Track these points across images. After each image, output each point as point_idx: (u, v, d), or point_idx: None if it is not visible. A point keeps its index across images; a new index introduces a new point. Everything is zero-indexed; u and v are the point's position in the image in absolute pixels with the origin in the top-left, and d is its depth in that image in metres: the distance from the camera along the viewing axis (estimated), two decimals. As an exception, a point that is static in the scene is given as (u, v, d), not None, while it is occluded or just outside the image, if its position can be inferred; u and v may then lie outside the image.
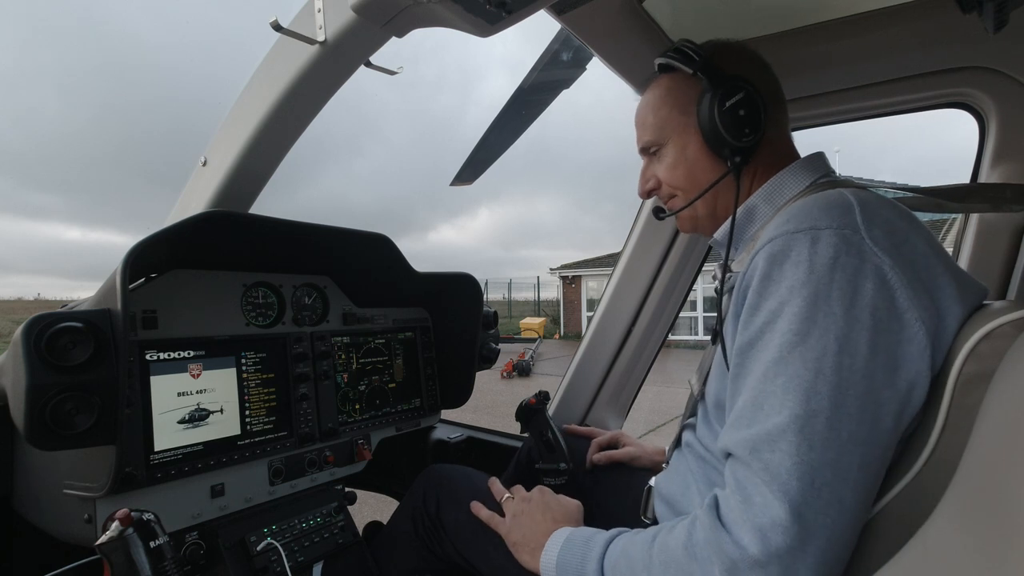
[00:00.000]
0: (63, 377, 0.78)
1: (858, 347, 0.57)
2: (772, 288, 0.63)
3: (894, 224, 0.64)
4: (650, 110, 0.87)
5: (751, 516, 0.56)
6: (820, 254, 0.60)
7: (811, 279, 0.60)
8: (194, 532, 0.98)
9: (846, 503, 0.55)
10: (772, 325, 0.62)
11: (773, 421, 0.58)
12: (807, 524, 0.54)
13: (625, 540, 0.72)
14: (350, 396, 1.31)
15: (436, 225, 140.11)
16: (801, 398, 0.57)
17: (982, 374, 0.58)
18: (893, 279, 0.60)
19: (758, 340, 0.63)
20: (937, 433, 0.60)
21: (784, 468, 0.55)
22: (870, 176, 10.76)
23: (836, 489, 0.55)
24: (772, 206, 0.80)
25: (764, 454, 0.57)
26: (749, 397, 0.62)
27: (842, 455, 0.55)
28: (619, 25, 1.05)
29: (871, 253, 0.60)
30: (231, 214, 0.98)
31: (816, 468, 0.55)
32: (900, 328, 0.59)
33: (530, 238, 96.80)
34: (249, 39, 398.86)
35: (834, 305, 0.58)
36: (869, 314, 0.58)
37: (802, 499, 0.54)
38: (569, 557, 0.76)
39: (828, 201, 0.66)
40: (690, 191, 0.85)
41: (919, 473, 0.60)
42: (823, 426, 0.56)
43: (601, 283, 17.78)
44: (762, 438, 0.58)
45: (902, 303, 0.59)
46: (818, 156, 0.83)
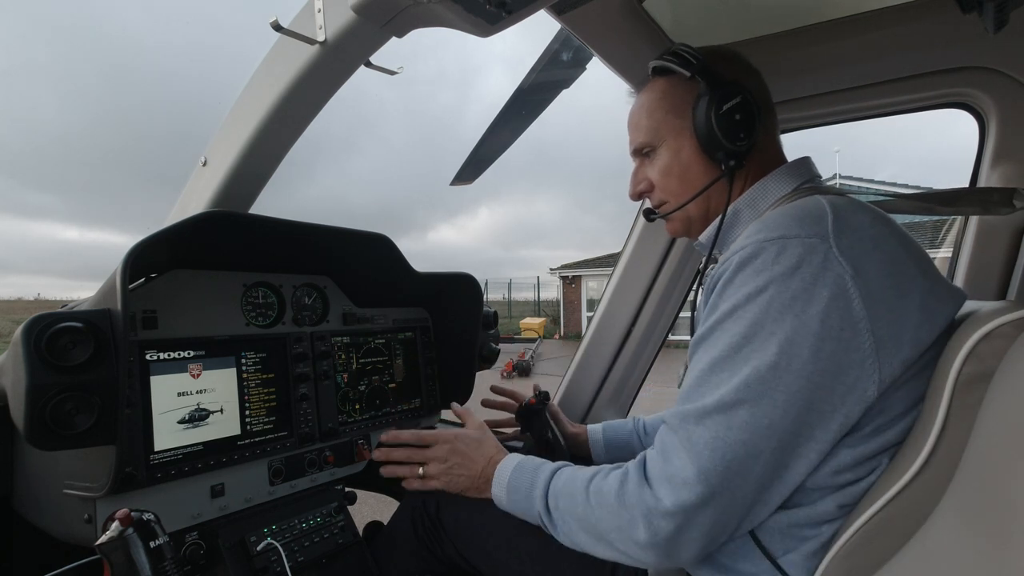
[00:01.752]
0: (63, 377, 0.78)
1: (800, 350, 0.62)
2: (731, 291, 0.68)
3: (866, 231, 0.66)
4: (645, 112, 0.88)
5: (668, 475, 0.67)
6: (783, 263, 0.64)
7: (768, 287, 0.64)
8: (194, 532, 0.98)
9: (752, 476, 0.64)
10: (722, 325, 0.68)
11: (704, 402, 0.66)
12: (712, 488, 0.64)
13: (568, 473, 0.82)
14: (350, 396, 1.31)
15: (435, 225, 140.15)
16: (732, 388, 0.64)
17: (982, 374, 0.58)
18: (852, 289, 0.62)
19: (709, 336, 0.69)
20: (937, 433, 0.60)
21: (702, 441, 0.65)
22: (870, 176, 10.75)
23: (745, 464, 0.64)
24: (755, 211, 0.82)
25: (689, 425, 0.66)
26: (694, 383, 0.69)
27: (758, 439, 0.63)
28: (619, 25, 1.05)
29: (835, 262, 0.63)
30: (231, 214, 0.98)
31: (729, 445, 0.63)
32: (851, 336, 0.62)
33: (530, 238, 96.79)
34: (249, 39, 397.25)
35: (785, 312, 0.63)
36: (819, 321, 0.62)
37: (711, 467, 0.63)
38: (520, 480, 0.86)
39: (802, 210, 0.69)
40: (682, 194, 0.86)
41: (919, 473, 0.60)
42: (746, 413, 0.63)
43: (601, 283, 17.77)
44: (691, 412, 0.67)
45: (857, 312, 0.62)
46: (803, 161, 0.84)
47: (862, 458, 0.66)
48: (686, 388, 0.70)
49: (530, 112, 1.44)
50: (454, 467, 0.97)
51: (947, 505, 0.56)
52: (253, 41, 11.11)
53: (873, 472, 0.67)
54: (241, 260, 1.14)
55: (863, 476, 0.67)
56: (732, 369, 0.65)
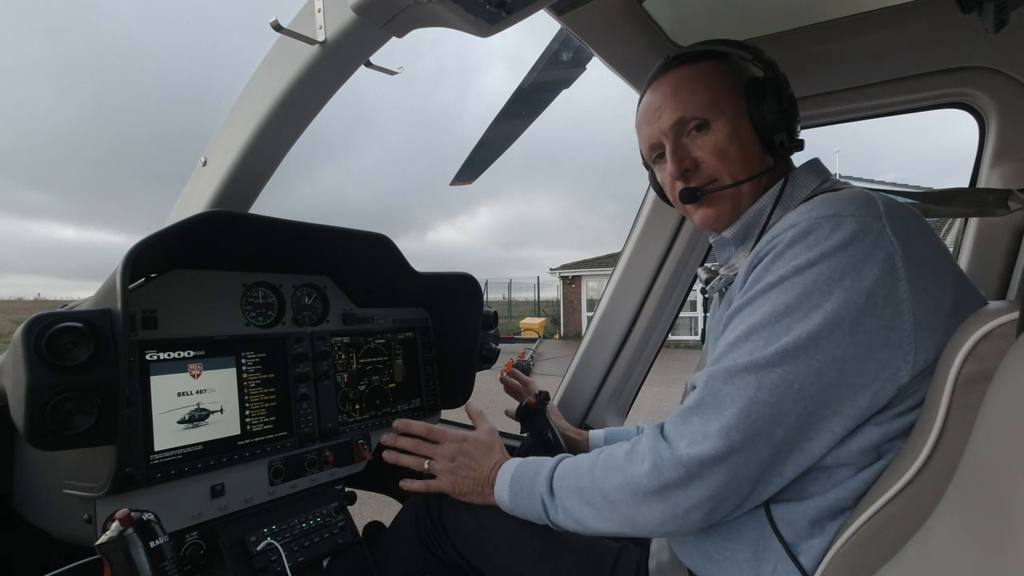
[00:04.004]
0: (63, 377, 0.78)
1: (841, 323, 0.62)
2: (779, 264, 0.67)
3: (911, 219, 0.67)
4: (703, 84, 0.83)
5: (687, 431, 0.66)
6: (836, 238, 0.64)
7: (820, 260, 0.64)
8: (194, 532, 0.98)
9: (775, 438, 0.63)
10: (765, 295, 0.67)
11: (737, 362, 0.65)
12: (731, 444, 0.63)
13: (575, 457, 0.83)
14: (350, 396, 1.31)
15: (435, 224, 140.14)
16: (769, 352, 0.64)
17: (982, 374, 0.58)
18: (901, 268, 0.63)
19: (748, 304, 0.69)
20: (937, 433, 0.60)
21: (729, 397, 0.64)
22: (870, 176, 10.72)
23: (768, 426, 0.63)
24: (783, 207, 0.82)
25: (717, 383, 0.66)
26: (728, 347, 0.68)
27: (785, 402, 0.63)
28: (619, 25, 1.05)
29: (887, 241, 0.63)
30: (231, 214, 0.98)
31: (756, 404, 0.63)
32: (893, 315, 0.63)
33: (530, 238, 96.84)
34: (249, 39, 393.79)
35: (833, 286, 0.63)
36: (865, 296, 0.62)
37: (734, 423, 0.63)
38: (523, 473, 0.87)
39: (852, 193, 0.69)
40: (740, 170, 0.82)
41: (919, 473, 0.60)
42: (777, 376, 0.63)
43: (601, 283, 17.77)
44: (720, 371, 0.66)
45: (902, 292, 0.63)
46: (816, 162, 0.86)
47: (886, 437, 0.66)
48: (720, 352, 0.69)
49: (530, 112, 1.44)
50: (460, 467, 0.96)
51: (947, 505, 0.56)
52: (253, 41, 11.10)
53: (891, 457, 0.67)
54: (241, 260, 1.14)
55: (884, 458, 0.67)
56: (770, 336, 0.64)
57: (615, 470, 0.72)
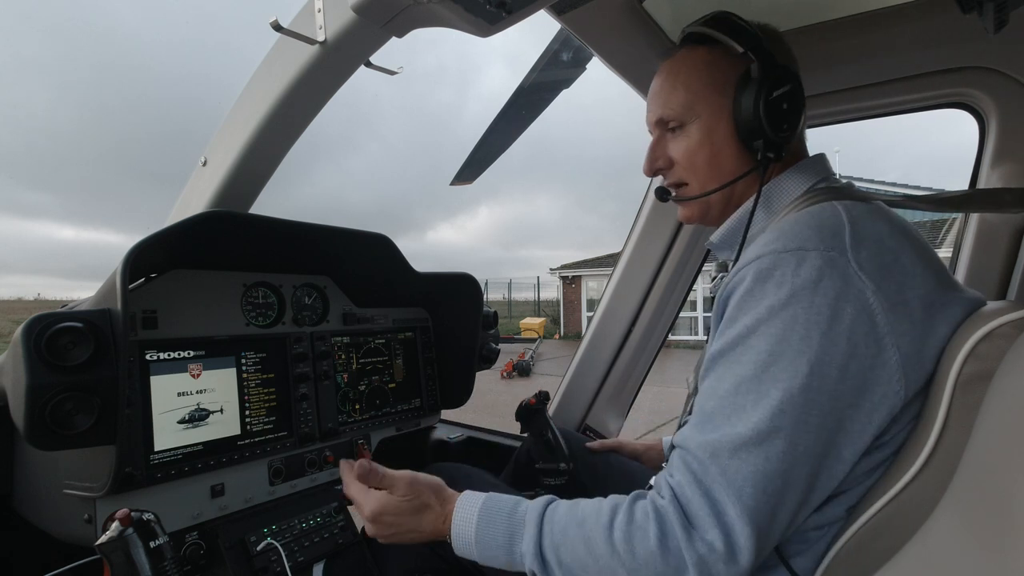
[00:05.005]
0: (63, 377, 0.78)
1: (829, 370, 0.59)
2: (752, 304, 0.63)
3: (884, 243, 0.64)
4: (680, 83, 0.79)
5: (715, 515, 0.60)
6: (803, 276, 0.61)
7: (791, 301, 0.61)
8: (194, 532, 0.98)
9: (790, 504, 0.61)
10: (747, 340, 0.63)
11: (737, 431, 0.60)
12: (759, 525, 0.59)
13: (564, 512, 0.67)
14: (350, 396, 1.31)
15: (435, 224, 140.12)
16: (767, 415, 0.60)
17: (982, 374, 0.58)
18: (875, 304, 0.60)
19: (731, 351, 0.64)
20: (937, 433, 0.60)
21: (741, 475, 0.59)
22: (870, 176, 10.63)
23: (782, 494, 0.60)
24: (769, 210, 0.79)
25: (723, 459, 0.60)
26: (718, 405, 0.63)
27: (794, 467, 0.60)
28: (619, 25, 1.05)
29: (855, 277, 0.61)
30: (231, 214, 0.98)
31: (769, 478, 0.59)
32: (877, 352, 0.61)
33: (530, 238, 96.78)
34: (249, 39, 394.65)
35: (812, 329, 0.60)
36: (846, 339, 0.60)
37: (755, 504, 0.59)
38: (492, 530, 0.69)
39: (820, 220, 0.65)
40: (708, 179, 0.79)
41: (919, 473, 0.60)
42: (782, 443, 0.59)
43: (601, 283, 17.77)
44: (724, 444, 0.61)
45: (882, 328, 0.60)
46: (818, 159, 0.81)
47: (877, 463, 0.66)
48: (709, 410, 0.64)
49: (530, 112, 1.44)
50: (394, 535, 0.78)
51: (947, 505, 0.56)
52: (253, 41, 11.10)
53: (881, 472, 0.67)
54: (241, 260, 1.14)
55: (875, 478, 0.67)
56: (760, 391, 0.61)
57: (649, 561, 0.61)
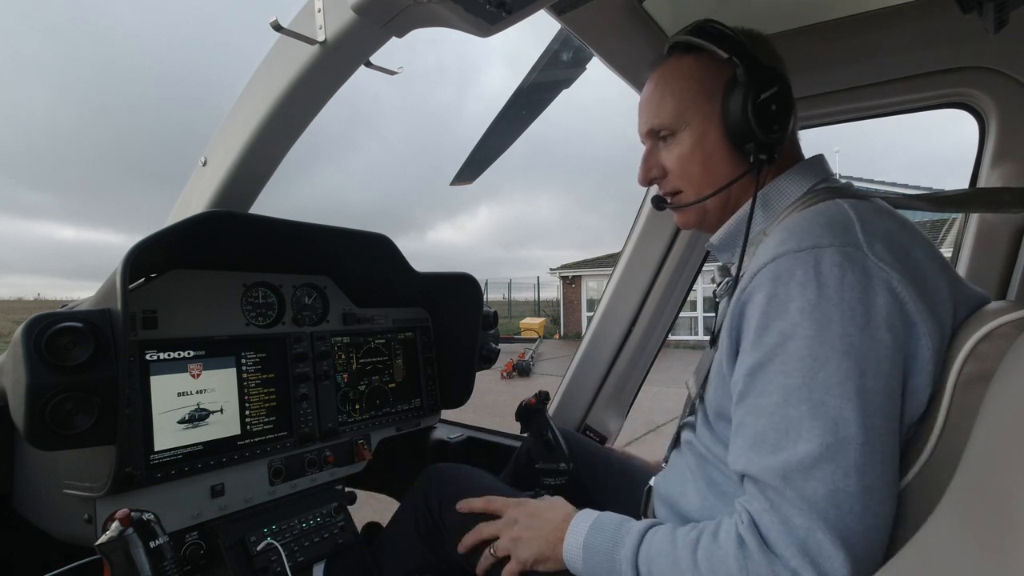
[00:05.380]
0: (63, 377, 0.78)
1: (880, 366, 0.57)
2: (779, 309, 0.61)
3: (894, 236, 0.64)
4: (669, 92, 0.80)
5: (797, 541, 0.55)
6: (825, 273, 0.59)
7: (821, 300, 0.59)
8: (194, 532, 0.98)
9: (881, 517, 0.56)
10: (784, 347, 0.60)
11: (803, 449, 0.57)
12: (853, 549, 0.54)
13: (665, 535, 0.68)
14: (350, 396, 1.31)
15: (435, 224, 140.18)
16: (830, 426, 0.56)
17: (982, 374, 0.58)
18: (902, 292, 0.59)
19: (770, 362, 0.61)
20: (937, 433, 0.60)
21: (820, 496, 0.55)
22: (870, 176, 10.63)
23: (874, 509, 0.56)
24: (769, 211, 0.78)
25: (798, 482, 0.56)
26: (770, 422, 0.60)
27: (876, 478, 0.56)
28: (619, 25, 1.05)
29: (877, 268, 0.60)
30: (231, 214, 0.98)
31: (854, 495, 0.55)
32: (915, 337, 0.59)
33: (530, 238, 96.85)
34: (249, 39, 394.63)
35: (849, 326, 0.58)
36: (886, 330, 0.58)
37: (843, 524, 0.54)
38: (599, 541, 0.72)
39: (828, 217, 0.65)
40: (703, 184, 0.80)
41: (919, 473, 0.60)
42: (857, 453, 0.55)
43: (601, 283, 17.77)
44: (794, 466, 0.57)
45: (913, 315, 0.59)
46: (817, 159, 0.81)
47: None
48: (761, 428, 0.60)
49: (530, 112, 1.44)
50: (524, 531, 0.82)
51: (947, 505, 0.56)
52: (253, 41, 11.10)
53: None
54: (241, 260, 1.14)
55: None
56: (812, 400, 0.57)
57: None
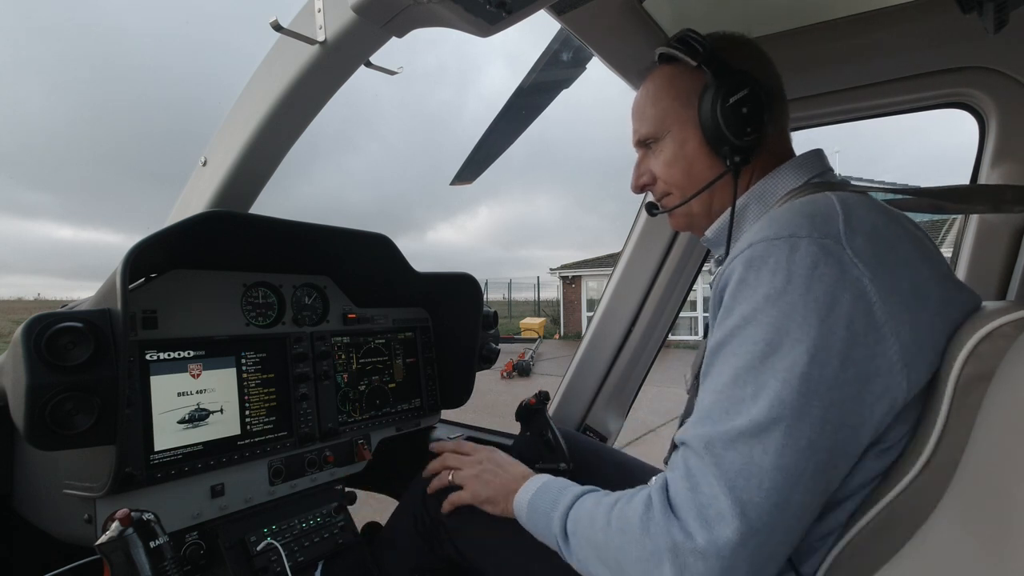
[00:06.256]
0: (63, 377, 0.78)
1: (829, 359, 0.58)
2: (747, 293, 0.62)
3: (880, 232, 0.64)
4: (649, 101, 0.85)
5: (698, 505, 0.58)
6: (798, 263, 0.60)
7: (788, 288, 0.60)
8: (194, 532, 0.98)
9: (793, 505, 0.57)
10: (743, 330, 0.62)
11: (733, 423, 0.59)
12: (751, 522, 0.56)
13: (594, 498, 0.75)
14: (350, 396, 1.31)
15: (434, 224, 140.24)
16: (765, 406, 0.58)
17: (982, 374, 0.58)
18: (871, 292, 0.59)
19: (728, 343, 0.63)
20: (937, 433, 0.60)
21: (735, 467, 0.57)
22: (870, 176, 10.67)
23: (785, 492, 0.57)
24: (764, 205, 0.80)
25: (718, 449, 0.59)
26: (716, 400, 0.62)
27: (797, 461, 0.57)
28: (619, 25, 1.05)
29: (851, 264, 0.60)
30: (231, 214, 0.98)
31: (766, 472, 0.56)
32: (876, 341, 0.59)
33: (530, 238, 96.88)
34: (249, 39, 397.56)
35: (810, 316, 0.58)
36: (844, 326, 0.58)
37: (748, 498, 0.56)
38: (542, 501, 0.81)
39: (812, 208, 0.65)
40: (686, 188, 0.84)
41: (919, 473, 0.60)
42: (782, 434, 0.57)
43: (601, 283, 17.77)
44: (719, 436, 0.59)
45: (880, 316, 0.59)
46: (814, 154, 0.81)
47: (882, 469, 0.64)
48: (707, 404, 0.63)
49: (530, 112, 1.44)
50: (486, 472, 0.95)
51: (947, 505, 0.56)
52: (253, 41, 11.14)
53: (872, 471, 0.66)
54: (241, 260, 1.14)
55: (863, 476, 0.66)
56: (759, 382, 0.59)
57: (631, 540, 0.63)
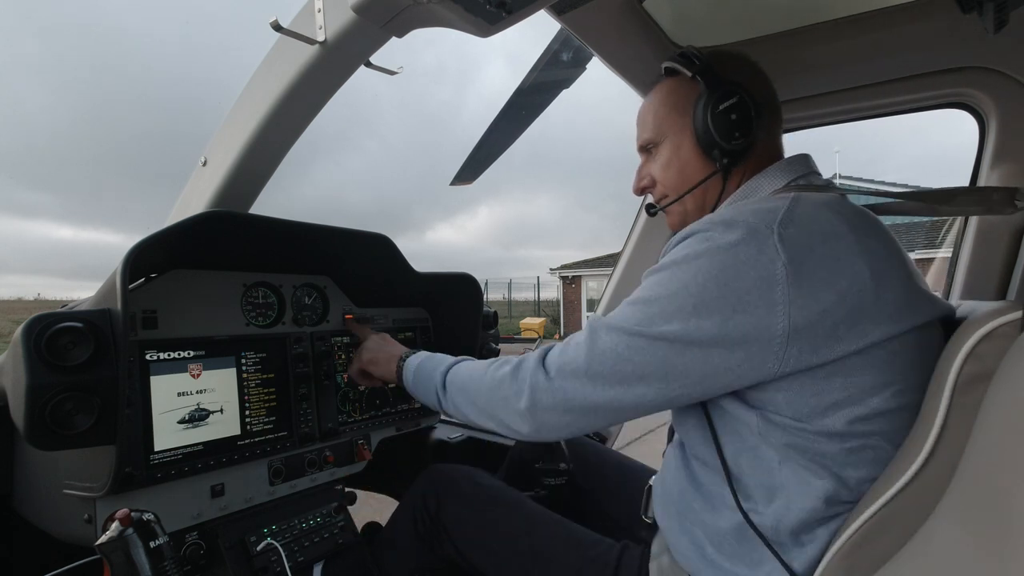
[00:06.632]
0: (63, 377, 0.78)
1: (712, 315, 0.67)
2: (677, 252, 0.73)
3: (817, 226, 0.69)
4: (651, 110, 0.92)
5: (563, 361, 0.76)
6: (724, 238, 0.69)
7: (705, 254, 0.69)
8: (194, 532, 0.98)
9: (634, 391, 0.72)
10: (659, 273, 0.74)
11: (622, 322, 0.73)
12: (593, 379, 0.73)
13: (472, 361, 0.95)
14: (350, 396, 1.30)
15: (434, 224, 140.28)
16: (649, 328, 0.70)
17: (982, 374, 0.58)
18: (780, 273, 0.65)
19: (646, 279, 0.76)
20: (937, 433, 0.60)
21: (602, 344, 0.73)
22: (870, 177, 10.68)
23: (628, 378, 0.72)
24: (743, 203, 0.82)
25: (599, 331, 0.75)
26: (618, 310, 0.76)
27: (647, 364, 0.70)
28: (619, 25, 1.06)
29: (772, 248, 0.66)
30: (231, 214, 0.98)
31: (622, 358, 0.72)
32: (766, 315, 0.65)
33: (530, 238, 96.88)
34: (249, 39, 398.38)
35: (710, 280, 0.67)
36: (738, 296, 0.66)
37: (599, 369, 0.73)
38: (426, 364, 1.00)
39: (763, 204, 0.73)
40: (680, 188, 0.90)
41: (919, 473, 0.60)
42: (645, 341, 0.70)
43: (601, 283, 17.77)
44: (604, 324, 0.75)
45: (779, 296, 0.65)
46: (800, 158, 0.85)
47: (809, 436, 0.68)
48: (614, 310, 0.77)
49: (530, 112, 1.44)
50: (371, 344, 1.16)
51: (947, 505, 0.56)
52: (253, 41, 11.16)
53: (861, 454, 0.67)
54: (241, 260, 1.14)
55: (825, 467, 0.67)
56: (650, 311, 0.71)
57: (500, 382, 0.82)
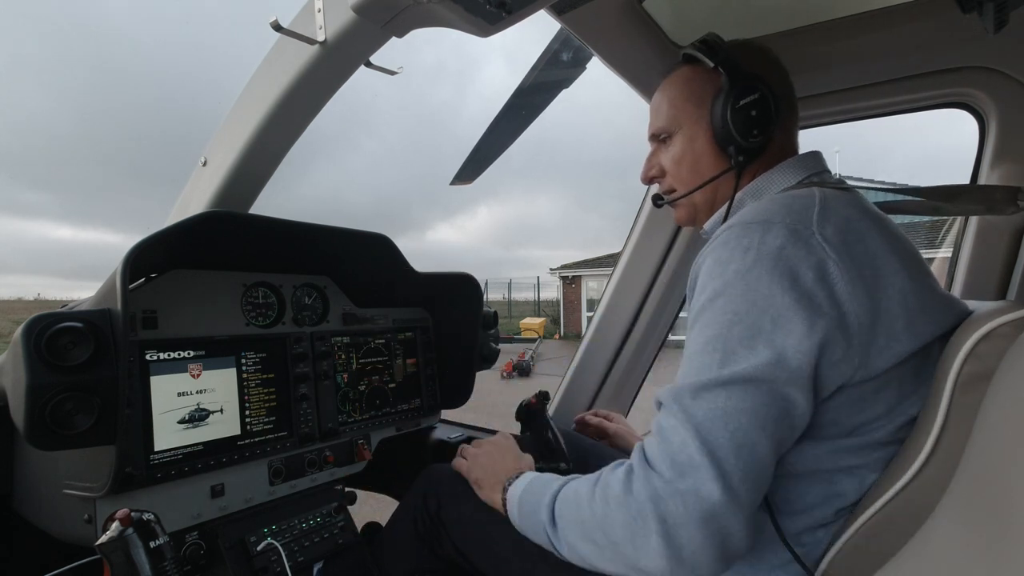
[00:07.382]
0: (63, 377, 0.78)
1: (792, 327, 0.61)
2: (719, 269, 0.67)
3: (851, 224, 0.67)
4: (667, 98, 0.89)
5: (670, 454, 0.62)
6: (768, 243, 0.64)
7: (756, 265, 0.64)
8: (194, 532, 0.98)
9: (759, 448, 0.60)
10: (714, 303, 0.66)
11: (699, 378, 0.63)
12: (721, 464, 0.59)
13: (578, 480, 0.76)
14: (350, 396, 1.31)
15: (434, 224, 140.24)
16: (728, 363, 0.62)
17: (982, 374, 0.58)
18: (835, 272, 0.63)
19: (701, 315, 0.67)
20: (937, 433, 0.60)
21: (701, 413, 0.61)
22: (870, 176, 10.70)
23: (751, 434, 0.60)
24: (758, 200, 0.81)
25: (686, 400, 0.63)
26: (688, 365, 0.66)
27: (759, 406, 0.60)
28: (619, 25, 1.05)
29: (819, 247, 0.64)
30: (231, 214, 0.98)
31: (730, 414, 0.60)
32: (837, 315, 0.62)
33: (530, 238, 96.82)
34: (249, 39, 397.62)
35: (774, 287, 0.62)
36: (808, 299, 0.62)
37: (714, 439, 0.59)
38: (531, 493, 0.82)
39: (792, 199, 0.70)
40: (691, 182, 0.87)
41: (919, 473, 0.60)
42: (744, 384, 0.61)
43: (601, 283, 17.77)
44: (686, 388, 0.64)
45: (841, 294, 0.63)
46: (812, 155, 0.84)
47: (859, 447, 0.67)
48: (681, 370, 0.68)
49: (530, 112, 1.44)
50: (482, 455, 0.99)
51: (947, 505, 0.56)
52: (253, 41, 11.15)
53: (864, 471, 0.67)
54: (241, 260, 1.14)
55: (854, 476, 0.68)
56: (726, 349, 0.63)
57: (616, 505, 0.65)
